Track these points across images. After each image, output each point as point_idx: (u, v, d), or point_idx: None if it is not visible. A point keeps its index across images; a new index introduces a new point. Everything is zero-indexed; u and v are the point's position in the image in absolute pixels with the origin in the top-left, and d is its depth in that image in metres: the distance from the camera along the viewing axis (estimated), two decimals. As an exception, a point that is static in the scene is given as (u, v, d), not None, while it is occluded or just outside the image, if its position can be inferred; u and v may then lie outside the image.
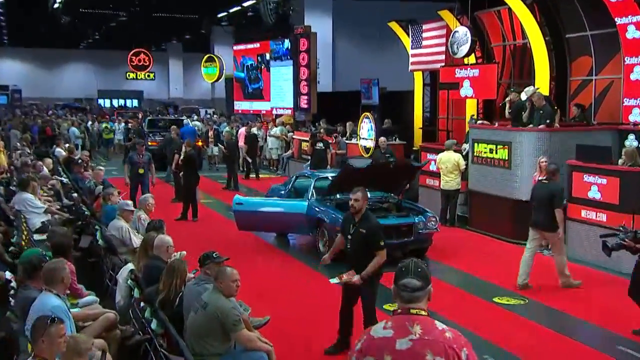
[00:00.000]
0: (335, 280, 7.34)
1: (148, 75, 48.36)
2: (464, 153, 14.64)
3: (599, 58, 15.31)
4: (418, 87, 22.26)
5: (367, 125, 18.19)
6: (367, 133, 18.17)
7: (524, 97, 13.22)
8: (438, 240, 11.95)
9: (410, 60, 21.59)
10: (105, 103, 62.44)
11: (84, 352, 4.65)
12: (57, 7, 34.71)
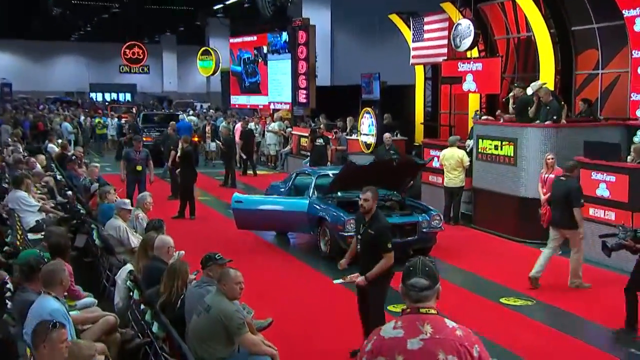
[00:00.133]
0: (339, 281, 7.34)
1: (142, 69, 48.28)
2: (468, 149, 14.62)
3: (606, 51, 15.29)
4: (419, 81, 22.19)
5: (367, 121, 18.17)
6: (367, 129, 18.14)
7: (530, 92, 13.19)
8: (442, 239, 11.94)
9: (412, 54, 21.53)
10: (97, 97, 62.33)
11: (88, 358, 4.63)
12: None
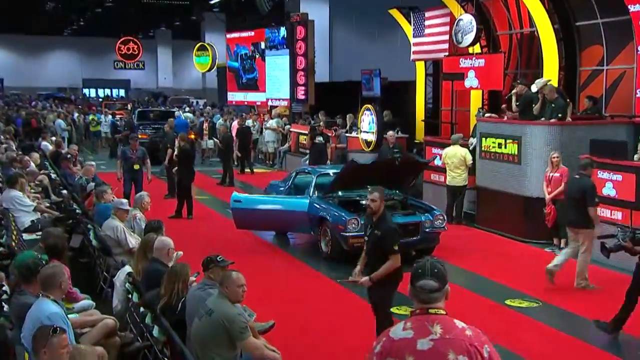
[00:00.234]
0: (343, 281, 7.34)
1: (137, 65, 48.28)
2: (471, 147, 14.61)
3: (611, 47, 15.29)
4: (420, 77, 22.16)
5: (368, 118, 18.15)
6: (368, 126, 18.13)
7: (535, 89, 13.18)
8: (444, 239, 11.93)
9: (412, 50, 21.49)
10: (91, 93, 62.28)
11: (90, 364, 4.62)
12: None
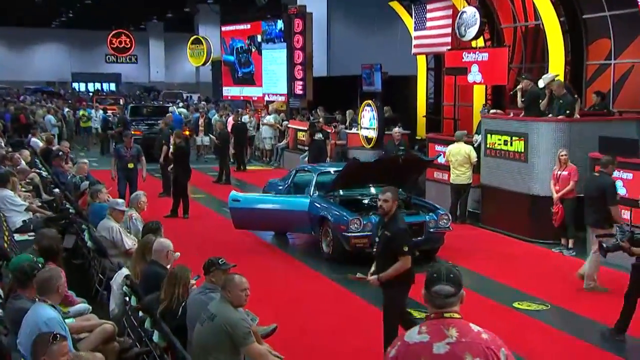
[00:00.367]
0: (353, 276, 7.34)
1: (130, 59, 48.20)
2: (476, 145, 14.60)
3: (619, 40, 15.27)
4: (421, 71, 22.13)
5: (368, 114, 18.14)
6: (368, 122, 18.11)
7: (542, 84, 13.17)
8: (448, 239, 11.92)
9: (413, 43, 21.43)
10: (80, 87, 62.14)
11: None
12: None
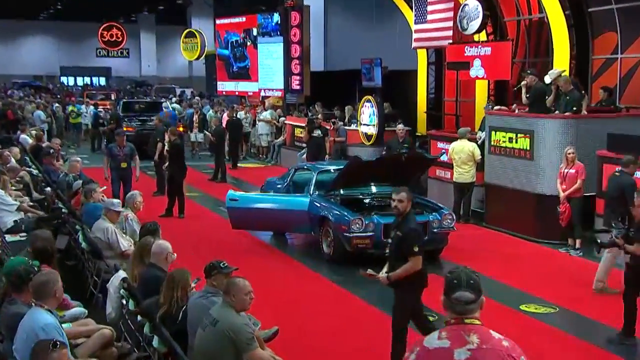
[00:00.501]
0: (365, 272, 7.33)
1: (121, 53, 48.04)
2: (480, 142, 14.60)
3: (625, 34, 15.28)
4: (422, 66, 22.08)
5: (368, 110, 18.13)
6: (368, 118, 18.10)
7: (548, 80, 13.17)
8: (451, 239, 11.92)
9: (414, 37, 21.38)
10: (69, 81, 61.98)
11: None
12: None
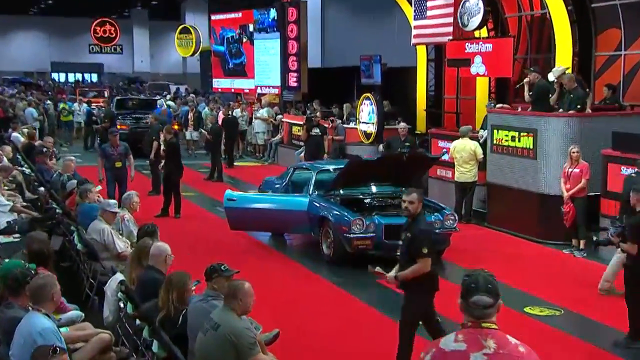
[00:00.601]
0: (374, 269, 7.30)
1: (115, 49, 47.89)
2: (482, 141, 14.60)
3: (629, 30, 15.26)
4: (421, 63, 22.05)
5: (367, 108, 18.12)
6: (367, 116, 18.10)
7: (552, 78, 13.18)
8: (453, 239, 11.92)
9: (413, 33, 21.33)
10: (60, 77, 61.86)
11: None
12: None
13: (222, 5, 31.40)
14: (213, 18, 31.64)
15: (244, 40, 28.86)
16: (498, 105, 15.58)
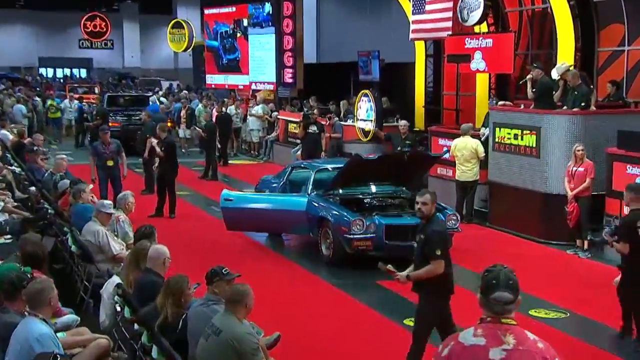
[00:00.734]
0: (385, 267, 7.28)
1: (105, 44, 47.67)
2: (483, 139, 14.61)
3: (633, 25, 15.29)
4: (420, 58, 22.03)
5: (365, 105, 18.11)
6: (365, 113, 18.09)
7: (555, 75, 13.19)
8: (454, 239, 11.87)
9: (411, 28, 21.31)
10: (48, 73, 61.62)
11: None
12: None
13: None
14: (206, 12, 31.52)
15: (238, 35, 28.78)
16: (500, 103, 15.57)
